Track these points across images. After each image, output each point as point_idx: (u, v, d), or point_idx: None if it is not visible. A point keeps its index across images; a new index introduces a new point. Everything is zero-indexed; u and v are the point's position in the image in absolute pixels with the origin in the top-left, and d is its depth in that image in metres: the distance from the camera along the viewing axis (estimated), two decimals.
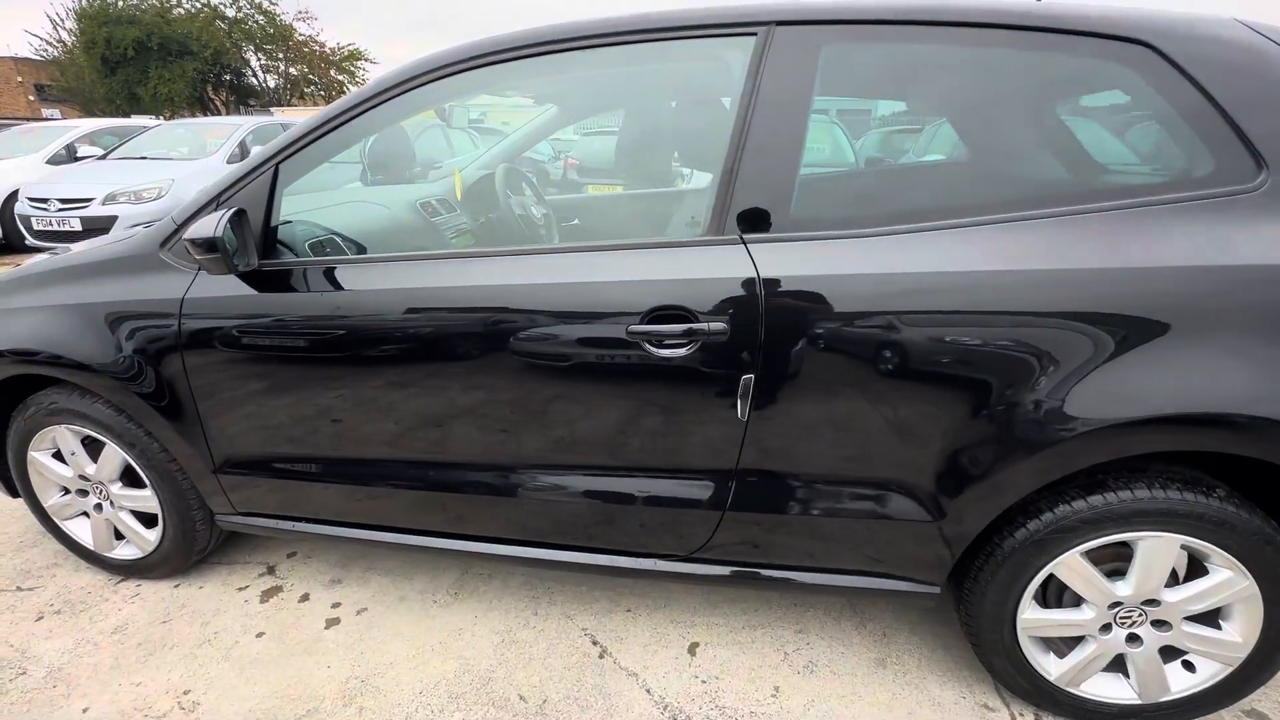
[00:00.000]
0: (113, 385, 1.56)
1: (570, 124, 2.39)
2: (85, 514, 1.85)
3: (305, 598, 1.81)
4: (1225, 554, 1.20)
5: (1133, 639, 1.32)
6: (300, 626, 1.71)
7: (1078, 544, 1.26)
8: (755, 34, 1.24)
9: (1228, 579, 1.22)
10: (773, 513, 1.35)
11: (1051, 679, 1.38)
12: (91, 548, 1.85)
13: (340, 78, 26.19)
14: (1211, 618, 1.29)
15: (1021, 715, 1.44)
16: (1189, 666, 1.34)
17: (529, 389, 1.35)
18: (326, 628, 1.70)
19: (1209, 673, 1.32)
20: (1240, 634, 1.26)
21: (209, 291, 1.47)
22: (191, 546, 1.78)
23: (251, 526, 1.72)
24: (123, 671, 1.56)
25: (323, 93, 26.17)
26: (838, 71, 1.22)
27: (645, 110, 1.63)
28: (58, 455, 1.78)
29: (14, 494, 1.88)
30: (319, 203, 1.89)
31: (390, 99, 1.40)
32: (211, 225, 1.32)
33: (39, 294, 1.65)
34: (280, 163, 1.45)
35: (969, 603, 1.38)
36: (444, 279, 1.36)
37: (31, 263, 1.82)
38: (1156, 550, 1.23)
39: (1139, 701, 1.36)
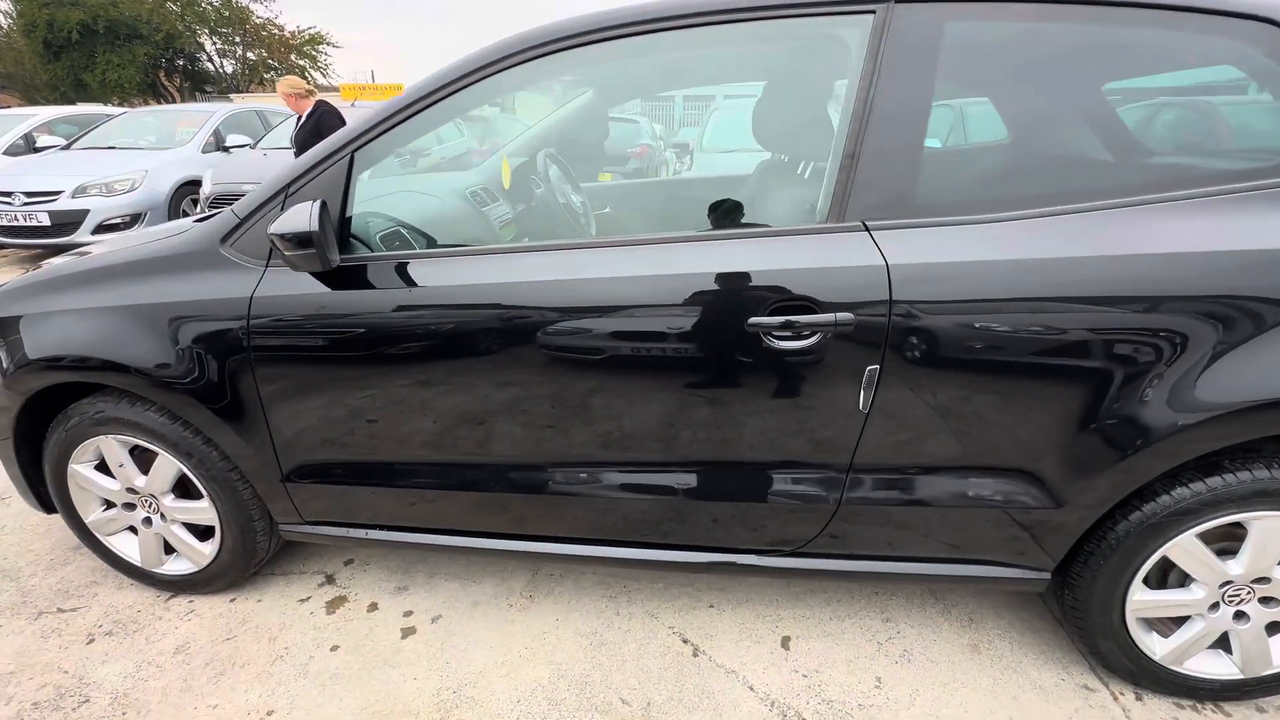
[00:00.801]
0: (170, 391, 1.45)
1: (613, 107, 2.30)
2: (131, 529, 1.74)
3: (374, 607, 1.74)
4: None
5: (1240, 616, 1.34)
6: (375, 638, 1.63)
7: (1193, 526, 1.26)
8: (874, 11, 1.20)
9: None
10: (889, 505, 1.33)
11: (1157, 658, 1.39)
12: (139, 564, 1.74)
13: (302, 63, 25.25)
14: None
15: (1121, 694, 1.46)
16: None
17: (639, 385, 1.30)
18: (403, 637, 1.63)
19: None
20: None
21: (281, 289, 1.38)
22: (251, 559, 1.69)
23: (318, 535, 1.63)
24: (195, 694, 1.48)
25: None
26: (962, 51, 1.19)
27: (765, 95, 1.58)
28: (100, 467, 1.67)
29: (49, 509, 1.76)
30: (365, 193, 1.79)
31: (475, 83, 1.32)
32: (304, 218, 1.23)
33: (79, 296, 1.52)
34: (356, 150, 1.36)
35: (1076, 587, 1.38)
36: (545, 272, 1.30)
37: (57, 265, 1.68)
38: (1273, 529, 1.24)
39: (1241, 676, 1.38)
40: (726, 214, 1.64)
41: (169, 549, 1.74)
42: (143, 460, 1.63)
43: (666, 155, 7.33)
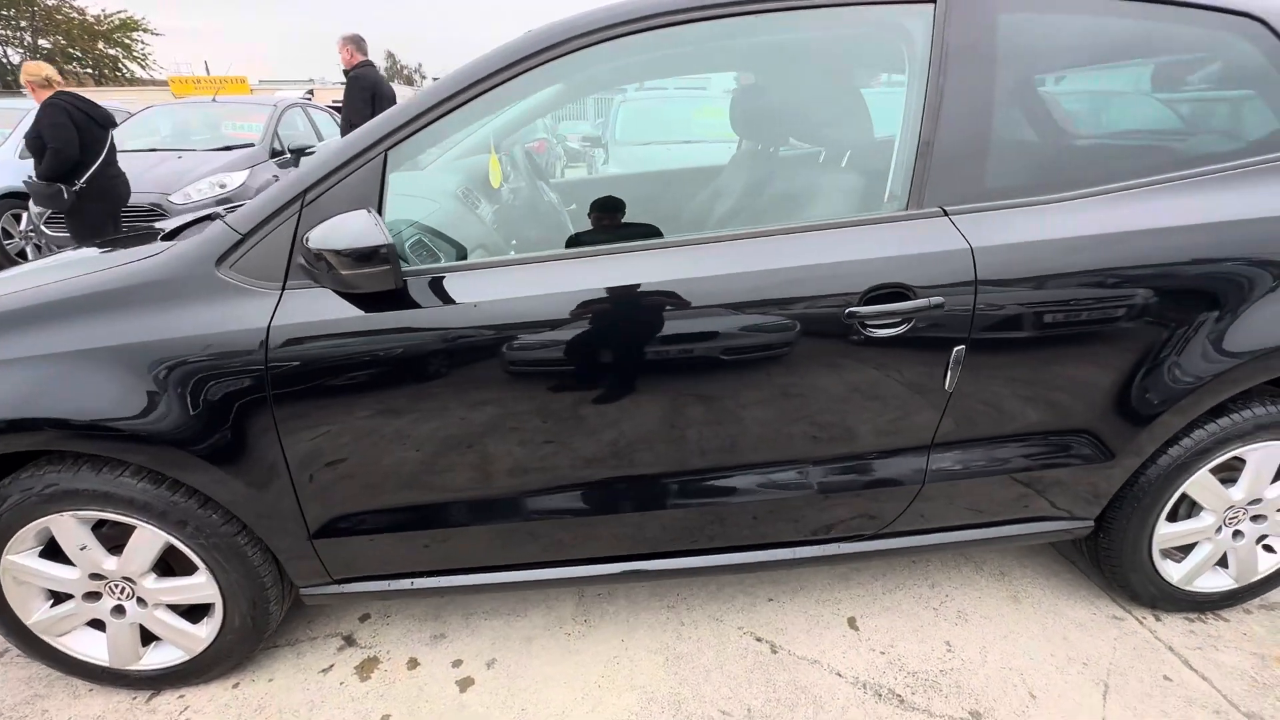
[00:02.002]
0: (155, 449, 1.19)
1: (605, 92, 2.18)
2: (96, 623, 1.41)
3: (414, 663, 1.54)
4: None
5: (1236, 535, 1.55)
6: (429, 697, 1.46)
7: (1206, 462, 1.44)
8: (935, 1, 1.23)
9: None
10: (966, 479, 1.39)
11: (1174, 582, 1.58)
12: (106, 664, 1.42)
13: (113, 52, 21.84)
14: None
15: (1144, 618, 1.64)
16: (1269, 549, 1.61)
17: (734, 386, 1.25)
18: (462, 690, 1.47)
19: None
20: None
21: (312, 314, 1.17)
22: (262, 633, 1.44)
23: (348, 594, 1.42)
24: None
25: (90, 69, 21.64)
26: (1017, 39, 1.25)
27: (809, 82, 1.56)
28: (47, 553, 1.33)
29: None
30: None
31: (536, 67, 1.19)
32: (369, 229, 1.05)
33: (13, 344, 1.20)
34: (391, 148, 1.18)
35: (1111, 530, 1.53)
36: (627, 275, 1.20)
37: None
38: (1267, 457, 1.45)
39: (1235, 585, 1.61)
40: (767, 207, 1.62)
41: (149, 638, 1.43)
42: (109, 537, 1.32)
43: (559, 150, 7.21)
